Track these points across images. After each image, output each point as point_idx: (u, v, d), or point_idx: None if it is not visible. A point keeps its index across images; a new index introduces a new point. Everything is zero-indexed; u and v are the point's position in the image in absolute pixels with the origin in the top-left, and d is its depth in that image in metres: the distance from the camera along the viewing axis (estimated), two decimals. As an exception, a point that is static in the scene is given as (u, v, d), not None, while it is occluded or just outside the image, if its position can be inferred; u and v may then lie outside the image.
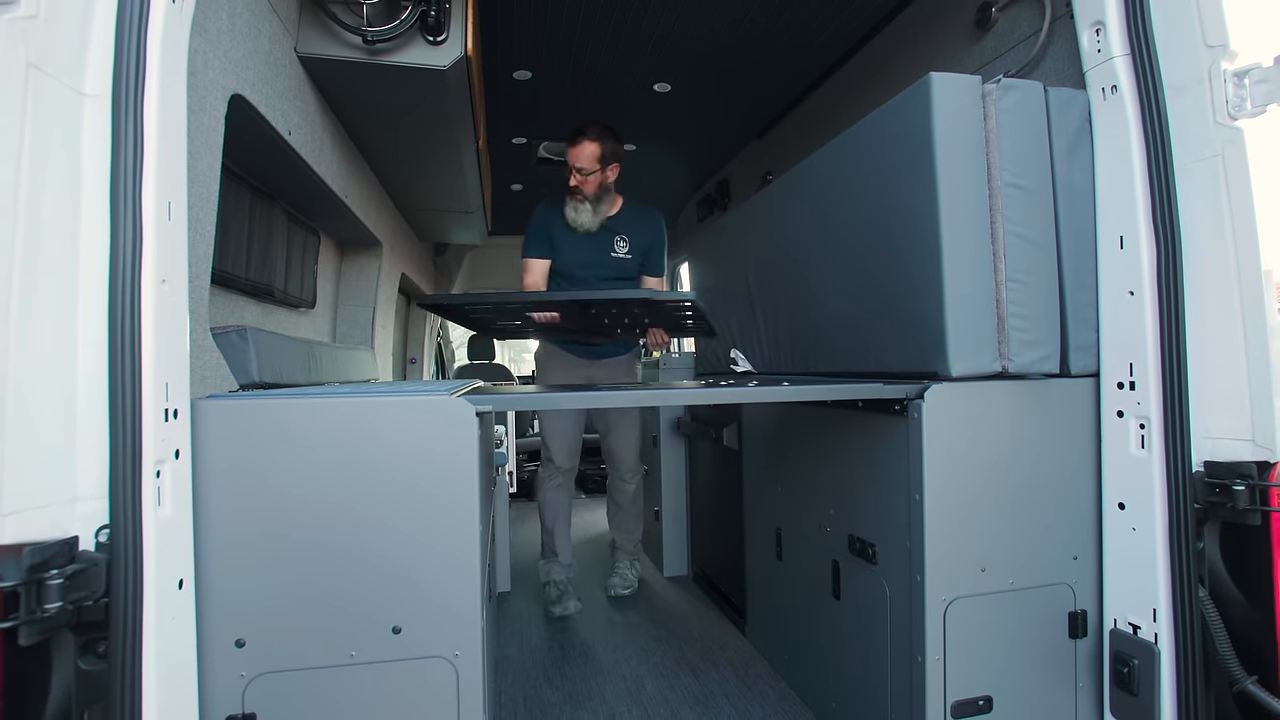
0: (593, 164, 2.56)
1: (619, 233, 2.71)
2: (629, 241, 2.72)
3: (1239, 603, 1.29)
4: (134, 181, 0.89)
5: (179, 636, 1.01)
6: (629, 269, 2.76)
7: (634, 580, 3.03)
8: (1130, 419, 1.39)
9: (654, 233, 2.78)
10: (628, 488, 2.99)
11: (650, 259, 2.79)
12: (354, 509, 1.17)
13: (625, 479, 2.98)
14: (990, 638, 1.44)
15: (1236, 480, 1.25)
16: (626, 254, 2.72)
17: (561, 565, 2.83)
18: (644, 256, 2.77)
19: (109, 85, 0.89)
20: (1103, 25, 1.40)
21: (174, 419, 0.99)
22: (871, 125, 1.60)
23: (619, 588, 2.97)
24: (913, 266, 1.47)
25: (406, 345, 5.30)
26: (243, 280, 2.04)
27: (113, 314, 0.87)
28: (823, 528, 1.82)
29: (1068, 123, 1.45)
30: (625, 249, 2.72)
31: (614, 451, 2.95)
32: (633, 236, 2.73)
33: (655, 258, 2.79)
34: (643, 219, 2.76)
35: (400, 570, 1.19)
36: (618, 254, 2.72)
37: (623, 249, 2.72)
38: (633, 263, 2.75)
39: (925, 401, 1.39)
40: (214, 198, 1.31)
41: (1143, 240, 1.35)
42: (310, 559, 1.15)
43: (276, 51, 1.66)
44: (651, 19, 2.38)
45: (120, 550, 0.87)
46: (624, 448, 2.93)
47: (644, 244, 2.75)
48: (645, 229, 2.76)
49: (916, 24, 2.21)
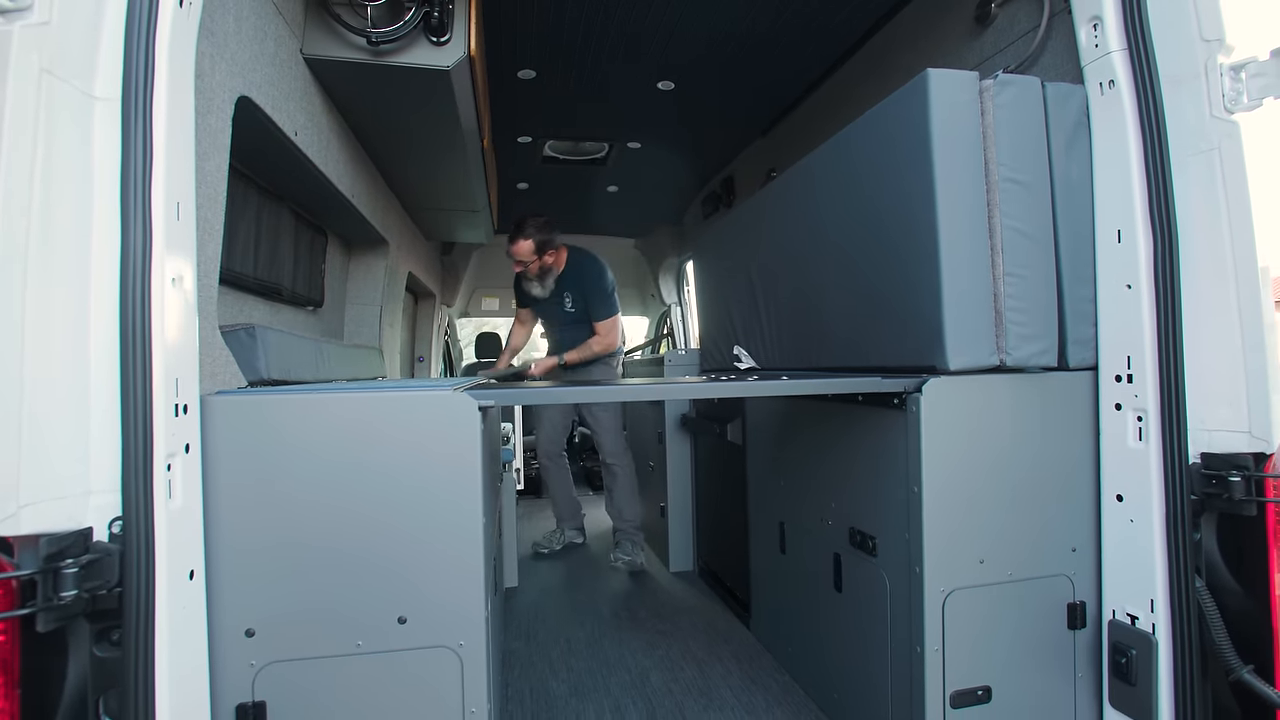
0: (530, 256, 3.15)
1: (565, 289, 3.31)
2: (570, 295, 3.31)
3: (1235, 593, 1.30)
4: (143, 183, 0.91)
5: (190, 626, 1.04)
6: (577, 317, 3.34)
7: (636, 556, 3.22)
8: (1128, 411, 1.39)
9: (584, 280, 3.27)
10: (612, 469, 3.35)
11: (589, 304, 3.27)
12: (359, 502, 1.20)
13: (608, 462, 3.35)
14: (989, 629, 1.45)
15: (1232, 471, 1.26)
16: (571, 307, 3.32)
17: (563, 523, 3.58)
18: (585, 302, 3.27)
19: (119, 89, 0.92)
20: (1100, 20, 1.41)
21: (184, 414, 1.02)
22: (870, 122, 1.61)
23: (620, 558, 3.20)
24: (911, 262, 1.48)
25: (414, 343, 5.34)
26: (251, 280, 2.07)
27: (124, 312, 0.90)
28: (824, 521, 1.84)
29: (1065, 117, 1.45)
30: (569, 303, 3.32)
31: (597, 440, 3.41)
32: (574, 291, 3.29)
33: (593, 302, 3.27)
34: (577, 270, 3.28)
35: (405, 562, 1.21)
36: (566, 308, 3.33)
37: (568, 303, 3.33)
38: (579, 310, 3.31)
39: (923, 395, 1.40)
40: (222, 198, 1.34)
41: (1140, 234, 1.36)
42: (317, 551, 1.18)
43: (282, 53, 1.68)
44: (654, 18, 2.39)
45: (133, 541, 0.90)
46: (603, 434, 3.35)
47: (581, 292, 3.28)
48: (578, 279, 3.28)
49: (917, 20, 2.21)
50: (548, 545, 3.62)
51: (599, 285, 3.30)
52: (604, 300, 3.31)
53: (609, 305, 3.33)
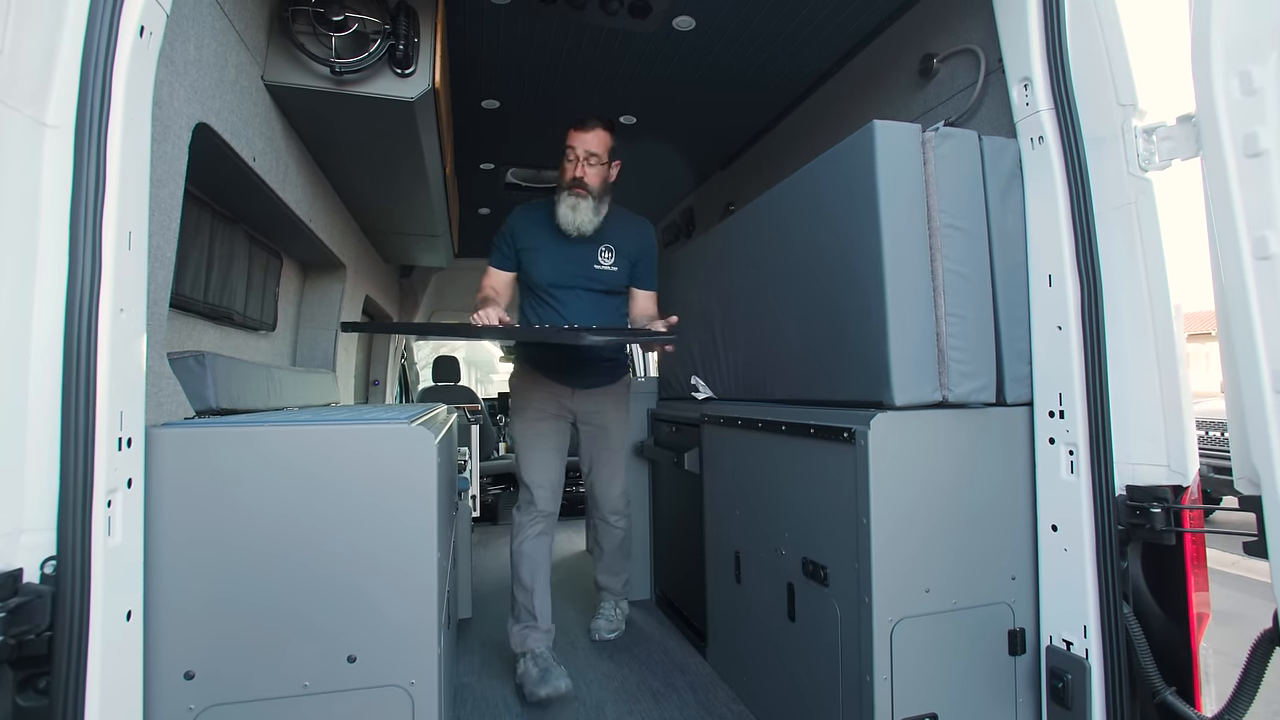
0: (604, 150, 2.24)
1: (605, 243, 2.35)
2: (615, 251, 2.36)
3: (1158, 618, 1.38)
4: (95, 212, 0.90)
5: (125, 669, 1.00)
6: (616, 282, 2.39)
7: (620, 623, 2.78)
8: (1060, 446, 1.48)
9: (644, 242, 2.45)
10: (614, 531, 2.64)
11: (639, 270, 2.44)
12: (310, 538, 1.17)
13: (610, 521, 2.62)
14: (935, 656, 1.50)
15: (1154, 503, 1.34)
16: (612, 266, 2.36)
17: (541, 632, 2.28)
18: (632, 268, 2.42)
19: (73, 116, 0.91)
20: (1030, 81, 1.52)
21: (127, 448, 0.99)
22: (821, 166, 1.69)
23: (604, 631, 2.70)
24: (859, 300, 1.55)
25: (370, 367, 5.23)
26: (201, 304, 2.02)
27: (68, 344, 0.88)
28: (779, 550, 1.87)
29: (1000, 168, 1.56)
30: (611, 260, 2.36)
31: (597, 491, 2.59)
32: (620, 246, 2.37)
33: (645, 269, 2.45)
34: (632, 227, 2.44)
35: (356, 598, 1.19)
36: (602, 265, 2.35)
37: (608, 260, 2.36)
38: (620, 275, 2.39)
39: (871, 430, 1.45)
40: (175, 225, 1.32)
41: (1068, 279, 1.45)
42: (264, 588, 1.15)
43: (243, 80, 1.67)
44: (615, 58, 2.46)
45: (67, 582, 0.86)
46: (608, 487, 2.57)
47: (633, 254, 2.41)
48: (635, 237, 2.42)
49: (866, 70, 2.34)
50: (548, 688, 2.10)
51: (654, 248, 2.50)
52: (655, 269, 2.50)
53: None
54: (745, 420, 2.06)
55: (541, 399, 2.44)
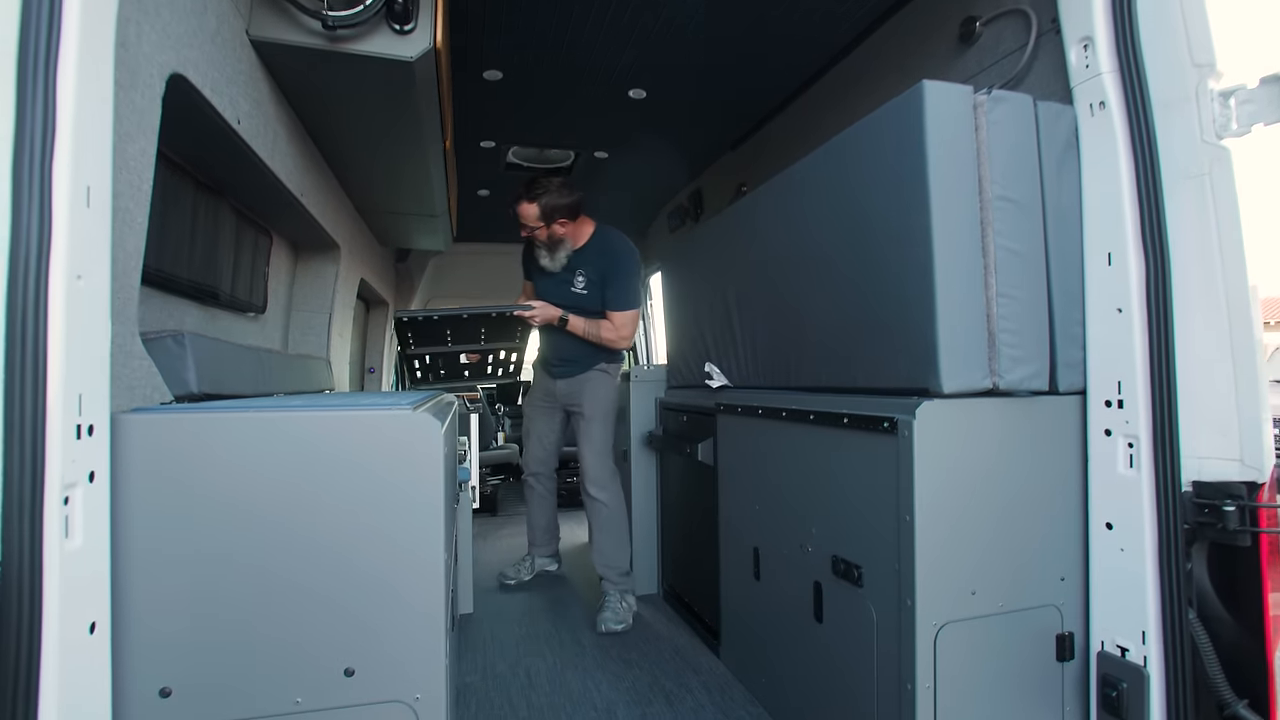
0: (535, 221, 2.59)
1: (580, 268, 2.68)
2: (586, 275, 2.67)
3: (1228, 624, 1.27)
4: (42, 160, 0.76)
5: (90, 689, 0.87)
6: (591, 304, 2.68)
7: (626, 615, 2.69)
8: (1119, 438, 1.36)
9: (608, 259, 2.65)
10: (596, 504, 2.78)
11: (608, 293, 2.66)
12: (302, 536, 1.05)
13: (590, 493, 2.78)
14: (979, 663, 1.39)
15: (1226, 500, 1.23)
16: (582, 288, 2.69)
17: (535, 546, 3.19)
18: (603, 290, 2.66)
19: (14, 39, 0.76)
20: (1091, 41, 1.39)
21: (88, 436, 0.85)
22: (859, 133, 1.56)
23: (609, 622, 2.63)
24: (902, 279, 1.42)
25: (365, 354, 5.08)
26: (183, 281, 1.87)
27: (11, 315, 0.74)
28: (804, 548, 1.76)
29: (1056, 137, 1.43)
30: (581, 283, 2.68)
31: (581, 465, 2.81)
32: (589, 272, 2.66)
33: (612, 285, 2.65)
34: (601, 246, 2.67)
35: (354, 605, 1.06)
36: (576, 289, 2.69)
37: (579, 283, 2.68)
38: (591, 298, 2.68)
39: (916, 419, 1.33)
40: (147, 187, 1.17)
41: (1131, 257, 1.33)
42: (251, 594, 1.02)
43: (225, 32, 1.52)
44: (631, 16, 2.31)
45: (13, 593, 0.74)
46: (587, 454, 2.78)
47: (600, 272, 2.65)
48: (599, 256, 2.66)
49: (899, 36, 2.20)
50: (515, 575, 3.19)
51: (625, 268, 2.68)
52: (625, 287, 2.68)
53: (630, 295, 2.70)
54: (767, 409, 1.93)
55: (539, 389, 3.05)
